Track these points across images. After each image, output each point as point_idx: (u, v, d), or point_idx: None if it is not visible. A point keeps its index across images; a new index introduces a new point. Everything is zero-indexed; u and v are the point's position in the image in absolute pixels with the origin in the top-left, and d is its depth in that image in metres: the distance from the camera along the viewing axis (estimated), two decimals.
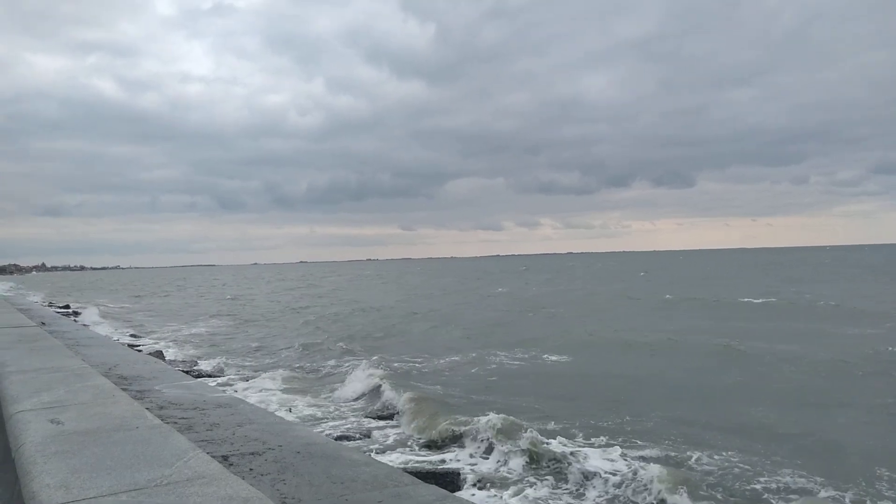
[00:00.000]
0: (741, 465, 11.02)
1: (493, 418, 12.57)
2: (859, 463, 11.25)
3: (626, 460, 10.81)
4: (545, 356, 21.41)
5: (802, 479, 10.35)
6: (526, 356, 21.22)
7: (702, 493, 9.62)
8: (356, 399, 16.69)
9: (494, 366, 19.99)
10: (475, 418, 12.87)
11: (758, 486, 9.66)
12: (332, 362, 21.26)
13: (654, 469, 10.05)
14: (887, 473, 10.48)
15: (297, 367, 20.07)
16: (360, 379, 17.56)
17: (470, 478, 10.74)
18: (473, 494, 10.34)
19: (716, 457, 11.29)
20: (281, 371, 19.42)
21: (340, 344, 25.25)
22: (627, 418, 13.76)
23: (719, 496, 9.38)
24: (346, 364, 20.70)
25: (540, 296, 50.43)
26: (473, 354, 22.04)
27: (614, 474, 10.04)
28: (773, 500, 9.24)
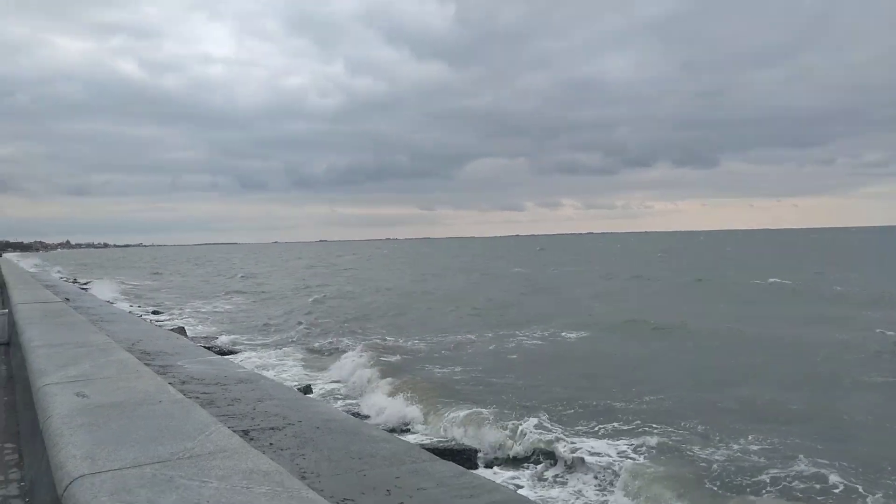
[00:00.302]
0: (754, 452, 10.91)
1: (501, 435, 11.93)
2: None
3: (630, 445, 10.72)
4: (559, 334, 21.31)
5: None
6: (535, 336, 21.11)
7: (700, 484, 9.58)
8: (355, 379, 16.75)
9: (507, 346, 19.89)
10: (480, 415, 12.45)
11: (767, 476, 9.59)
12: (346, 340, 21.38)
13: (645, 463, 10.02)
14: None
15: (313, 346, 20.25)
16: (347, 367, 17.34)
17: (482, 458, 10.80)
18: (495, 472, 10.42)
19: (727, 442, 11.20)
20: (296, 348, 19.63)
21: (348, 324, 25.37)
22: (630, 402, 13.63)
23: (716, 488, 9.27)
24: (352, 343, 20.82)
25: (556, 276, 49.88)
26: (473, 336, 21.92)
27: (616, 459, 9.96)
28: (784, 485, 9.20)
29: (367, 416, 13.25)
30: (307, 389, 14.09)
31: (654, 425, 12.34)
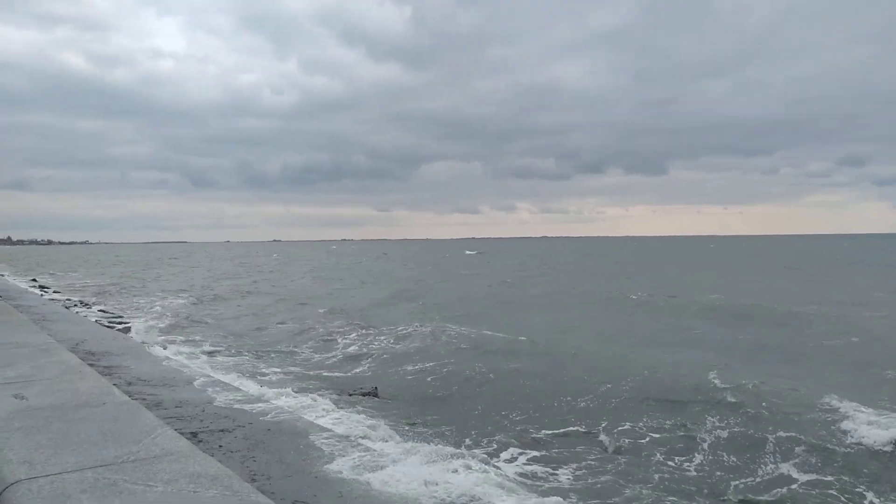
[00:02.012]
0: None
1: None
2: None
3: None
4: (484, 332, 21.01)
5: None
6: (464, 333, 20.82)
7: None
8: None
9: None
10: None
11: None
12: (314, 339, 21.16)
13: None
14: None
15: (262, 346, 19.96)
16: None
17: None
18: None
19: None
20: (247, 348, 19.34)
21: (313, 321, 25.19)
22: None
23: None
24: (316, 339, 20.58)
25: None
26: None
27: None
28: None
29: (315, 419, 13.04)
30: (262, 389, 13.81)
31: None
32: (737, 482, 8.71)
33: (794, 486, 8.56)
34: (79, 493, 2.97)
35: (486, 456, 9.39)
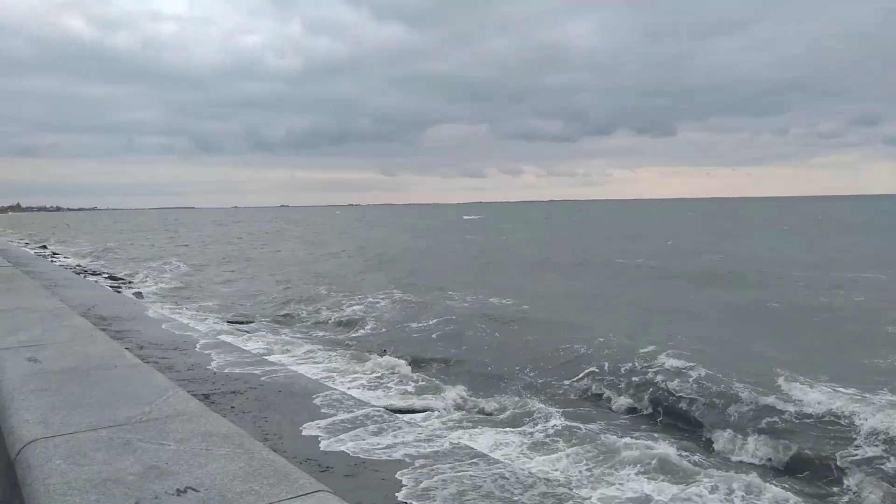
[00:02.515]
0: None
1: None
2: None
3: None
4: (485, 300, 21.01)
5: None
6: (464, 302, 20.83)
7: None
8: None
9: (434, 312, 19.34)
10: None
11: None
12: (321, 305, 21.27)
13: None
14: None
15: (267, 310, 20.14)
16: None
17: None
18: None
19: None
20: (255, 312, 19.52)
21: (321, 288, 25.25)
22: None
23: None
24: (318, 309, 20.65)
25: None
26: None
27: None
28: None
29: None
30: (272, 353, 13.97)
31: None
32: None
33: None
34: (93, 452, 3.03)
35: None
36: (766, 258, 33.67)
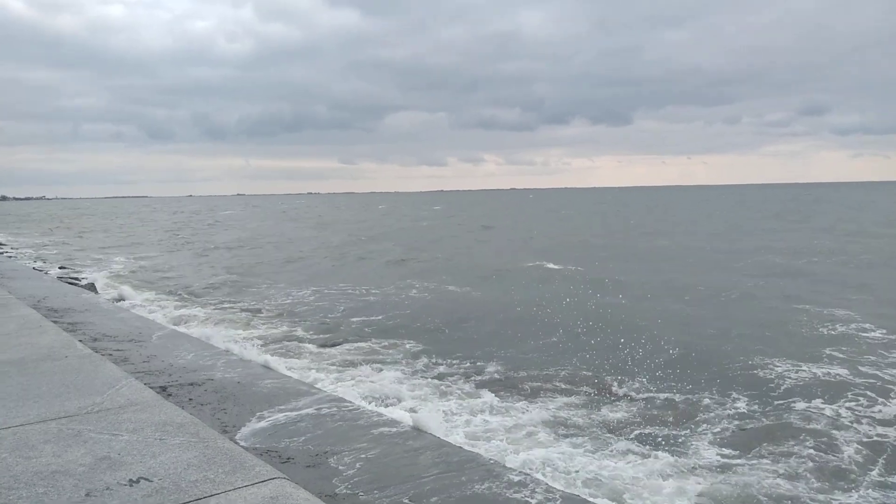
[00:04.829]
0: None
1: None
2: None
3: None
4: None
5: None
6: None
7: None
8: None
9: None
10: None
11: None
12: (274, 292, 21.06)
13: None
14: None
15: (224, 299, 19.88)
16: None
17: None
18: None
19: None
20: (210, 302, 19.24)
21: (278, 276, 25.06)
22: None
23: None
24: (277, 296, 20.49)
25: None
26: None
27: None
28: None
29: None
30: (228, 343, 13.77)
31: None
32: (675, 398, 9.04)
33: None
34: (42, 444, 2.95)
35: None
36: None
